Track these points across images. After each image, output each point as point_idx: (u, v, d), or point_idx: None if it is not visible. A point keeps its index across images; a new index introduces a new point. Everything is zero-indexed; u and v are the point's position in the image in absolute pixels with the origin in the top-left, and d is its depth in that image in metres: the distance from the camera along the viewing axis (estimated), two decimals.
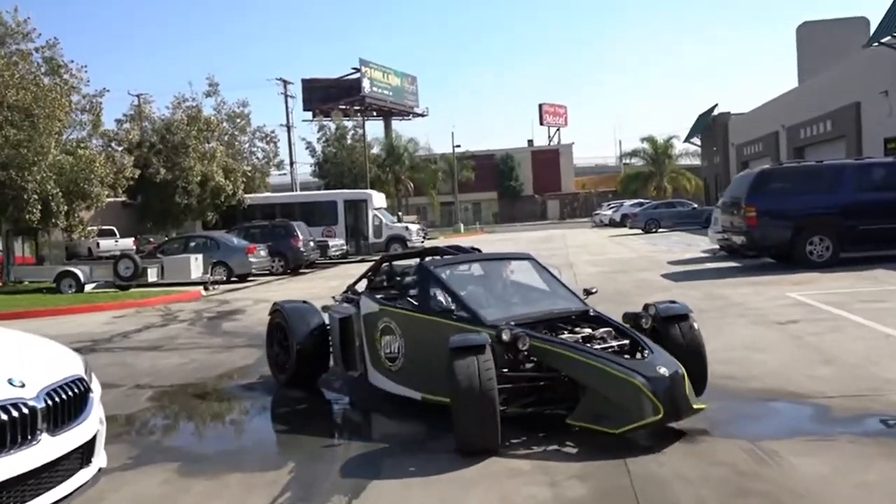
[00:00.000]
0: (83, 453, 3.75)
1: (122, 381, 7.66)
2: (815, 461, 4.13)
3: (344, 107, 54.57)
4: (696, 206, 37.67)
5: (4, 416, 3.25)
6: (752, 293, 11.08)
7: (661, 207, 37.22)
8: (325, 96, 65.07)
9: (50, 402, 3.51)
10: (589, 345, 5.04)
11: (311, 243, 24.39)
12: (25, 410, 3.35)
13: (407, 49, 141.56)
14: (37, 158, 19.00)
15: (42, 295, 17.88)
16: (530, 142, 79.60)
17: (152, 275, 18.98)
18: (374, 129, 58.98)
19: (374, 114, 67.68)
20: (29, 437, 3.36)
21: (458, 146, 60.28)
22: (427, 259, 6.61)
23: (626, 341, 5.14)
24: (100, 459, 3.95)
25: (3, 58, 19.56)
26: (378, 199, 30.29)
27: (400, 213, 32.42)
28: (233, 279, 20.36)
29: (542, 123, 79.82)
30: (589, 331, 5.27)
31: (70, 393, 3.68)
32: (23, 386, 3.43)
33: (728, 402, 5.47)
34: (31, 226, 20.13)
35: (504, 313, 5.47)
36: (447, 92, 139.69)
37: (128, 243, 28.67)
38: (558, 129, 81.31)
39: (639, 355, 4.96)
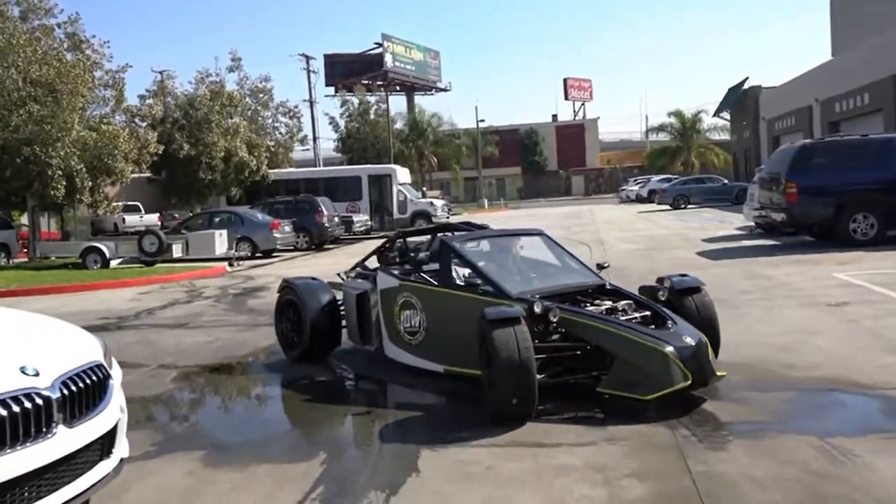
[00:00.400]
0: (103, 444, 3.48)
1: (146, 360, 7.45)
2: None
3: (366, 82, 54.09)
4: (726, 181, 36.85)
5: (17, 408, 2.99)
6: (796, 273, 10.62)
7: (690, 183, 36.47)
8: (347, 71, 64.62)
9: (66, 392, 3.24)
10: (613, 316, 5.18)
11: (336, 219, 24.16)
12: (40, 401, 3.08)
13: (430, 23, 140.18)
14: (60, 134, 18.89)
15: (68, 271, 17.84)
16: (555, 116, 78.50)
17: (177, 250, 18.86)
18: (396, 104, 58.47)
19: (398, 88, 67.02)
20: (44, 430, 3.09)
21: (483, 121, 59.59)
22: (446, 234, 6.66)
23: (648, 313, 5.29)
24: (121, 450, 3.70)
25: (25, 33, 19.40)
26: (402, 174, 29.96)
27: (424, 189, 32.05)
28: (257, 255, 20.21)
29: (566, 98, 78.71)
30: (609, 303, 5.41)
31: (88, 381, 3.41)
32: (37, 374, 3.16)
33: (791, 392, 5.11)
34: (57, 202, 20.08)
35: (525, 287, 5.63)
36: (470, 66, 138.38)
37: (153, 219, 28.67)
38: (583, 104, 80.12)
39: (662, 326, 5.12)
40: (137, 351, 7.97)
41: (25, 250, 22.35)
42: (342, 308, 6.82)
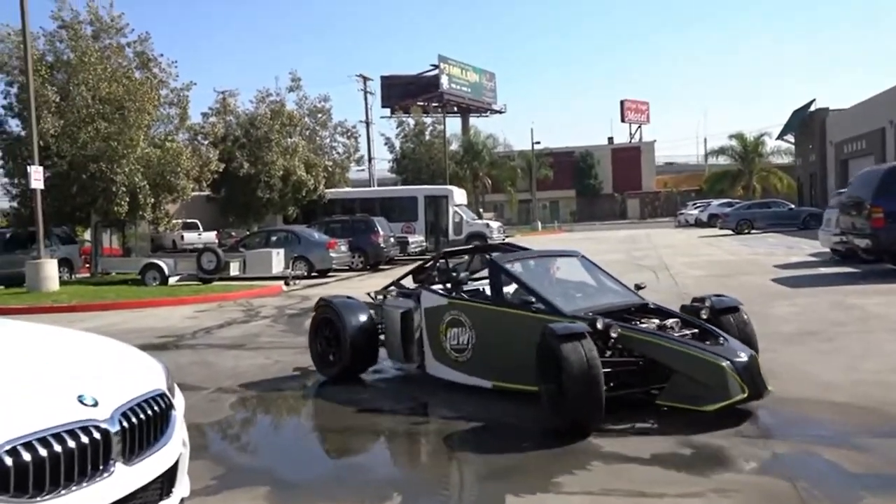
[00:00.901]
0: (163, 483, 3.16)
1: (204, 382, 7.19)
2: None
3: (422, 103, 54.32)
4: (792, 206, 35.53)
5: (72, 443, 2.67)
6: (887, 303, 9.86)
7: (754, 207, 35.26)
8: (403, 93, 65.24)
9: (126, 424, 2.92)
10: (667, 332, 5.42)
11: (391, 239, 23.95)
12: (97, 435, 2.77)
13: (486, 44, 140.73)
14: (126, 151, 19.21)
15: (127, 287, 17.97)
16: (611, 139, 77.66)
17: (234, 269, 18.85)
18: (451, 125, 58.54)
19: (454, 110, 67.22)
20: (101, 468, 2.78)
21: (538, 142, 59.12)
22: (496, 254, 6.83)
23: (696, 330, 5.51)
24: (182, 489, 3.37)
25: (97, 52, 19.85)
26: (459, 195, 29.68)
27: (481, 210, 31.72)
28: (313, 274, 20.08)
29: (623, 120, 77.80)
30: (657, 321, 5.62)
31: (150, 412, 3.10)
32: (95, 405, 2.86)
33: None
34: (119, 218, 20.36)
35: (574, 305, 5.81)
36: (526, 88, 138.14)
37: (210, 237, 28.97)
38: (640, 126, 79.07)
39: (714, 342, 5.31)
40: (195, 372, 7.73)
41: (87, 265, 22.71)
42: (379, 326, 6.94)
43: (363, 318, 6.77)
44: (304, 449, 5.47)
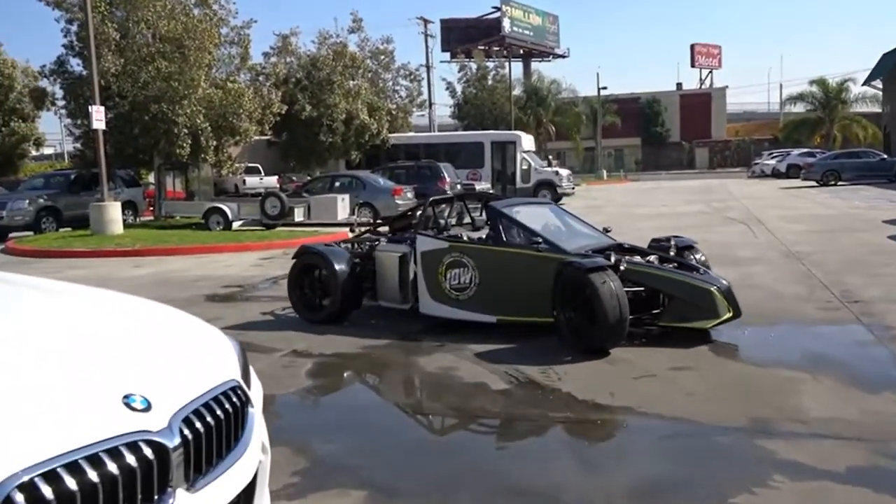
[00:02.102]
0: None
1: (274, 343, 6.43)
2: None
3: (483, 47, 52.56)
4: (885, 156, 33.06)
5: (114, 467, 1.82)
6: None
7: (841, 157, 32.93)
8: (463, 37, 63.51)
9: (190, 434, 2.09)
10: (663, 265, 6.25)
11: (458, 186, 22.96)
12: (149, 452, 1.93)
13: None
14: (187, 91, 18.59)
15: (191, 231, 17.54)
16: (679, 85, 74.33)
17: (298, 214, 18.21)
18: (513, 70, 56.50)
19: (517, 54, 65.03)
20: (155, 498, 1.97)
21: (605, 88, 56.81)
22: (495, 201, 7.27)
23: (674, 263, 6.32)
24: None
25: None
26: (527, 141, 28.36)
27: (550, 157, 30.37)
28: (378, 221, 19.28)
29: (693, 65, 74.19)
30: (639, 258, 6.31)
31: (220, 413, 2.24)
32: (147, 408, 2.02)
33: None
34: (182, 160, 19.89)
35: (572, 245, 6.39)
36: (590, 32, 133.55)
37: (272, 181, 28.47)
38: (711, 72, 75.29)
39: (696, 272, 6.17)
40: (265, 330, 7.00)
41: (151, 208, 22.48)
42: (363, 270, 7.22)
43: (349, 263, 7.06)
44: (407, 438, 4.35)
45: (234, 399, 2.37)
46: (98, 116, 16.32)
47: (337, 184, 20.44)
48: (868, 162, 31.63)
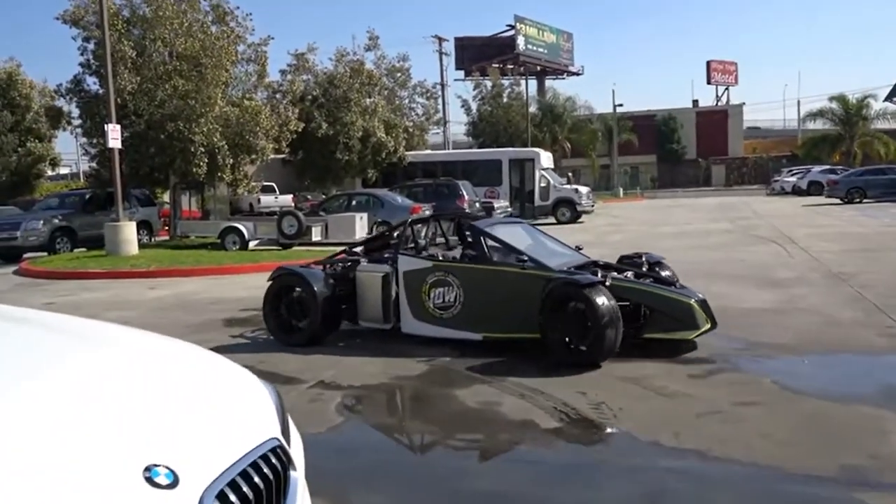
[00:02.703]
0: None
1: (300, 373, 6.02)
2: None
3: (497, 65, 52.46)
4: None
5: None
6: None
7: (867, 174, 32.32)
8: (478, 55, 63.48)
9: None
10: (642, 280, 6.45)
11: (477, 204, 22.57)
12: None
13: (561, 4, 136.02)
14: (204, 110, 18.37)
15: (207, 251, 17.21)
16: (695, 102, 73.83)
17: (316, 233, 17.84)
18: (527, 88, 56.36)
19: (533, 71, 64.90)
20: None
21: (621, 105, 56.45)
22: (473, 221, 7.26)
23: (651, 278, 6.51)
24: None
25: (172, 5, 18.94)
26: (545, 158, 27.95)
27: (570, 174, 29.93)
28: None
29: (709, 82, 73.67)
30: (615, 273, 6.44)
31: (260, 482, 1.84)
32: (174, 484, 1.61)
33: None
34: (198, 179, 19.62)
35: (554, 262, 6.54)
36: (605, 49, 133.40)
37: (287, 200, 28.19)
38: (727, 89, 74.81)
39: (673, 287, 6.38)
40: (289, 359, 6.58)
41: (166, 228, 22.22)
42: (342, 291, 7.18)
43: (328, 284, 7.02)
44: (454, 483, 3.85)
45: (275, 461, 1.96)
46: (114, 135, 16.09)
47: (354, 202, 20.10)
48: (894, 179, 31.00)
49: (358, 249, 8.26)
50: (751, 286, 9.76)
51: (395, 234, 7.87)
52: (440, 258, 7.01)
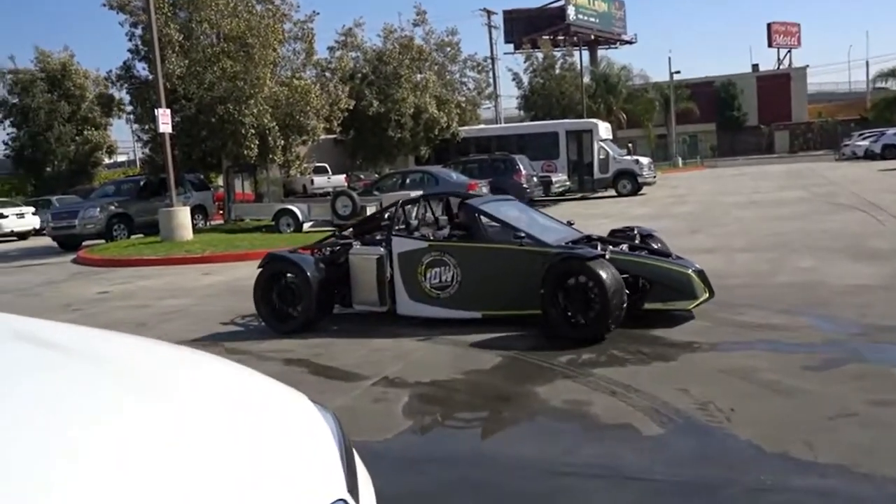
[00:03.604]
0: None
1: (361, 368, 5.50)
2: None
3: (547, 37, 51.17)
4: None
5: None
6: None
7: None
8: (527, 27, 62.32)
9: None
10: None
11: (534, 178, 21.84)
12: None
13: None
14: (253, 91, 18.03)
15: (261, 234, 16.97)
16: (755, 66, 70.92)
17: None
18: (579, 58, 54.85)
19: (583, 41, 63.21)
20: None
21: (678, 72, 54.51)
22: (472, 199, 7.34)
23: (646, 251, 6.67)
24: None
25: None
26: (604, 129, 26.89)
27: (629, 145, 28.81)
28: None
29: (770, 45, 70.66)
30: (611, 247, 6.46)
31: None
32: None
33: None
34: (250, 161, 19.37)
35: (550, 238, 6.53)
36: (658, 15, 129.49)
37: (340, 180, 27.86)
38: (789, 51, 71.63)
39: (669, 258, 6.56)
40: (350, 352, 6.08)
41: (221, 212, 22.11)
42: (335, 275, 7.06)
43: (321, 269, 6.89)
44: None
45: None
46: (164, 120, 15.88)
47: (408, 180, 19.56)
48: None
49: (347, 233, 8.04)
50: (845, 259, 8.90)
51: (386, 216, 7.75)
52: (434, 238, 7.04)
